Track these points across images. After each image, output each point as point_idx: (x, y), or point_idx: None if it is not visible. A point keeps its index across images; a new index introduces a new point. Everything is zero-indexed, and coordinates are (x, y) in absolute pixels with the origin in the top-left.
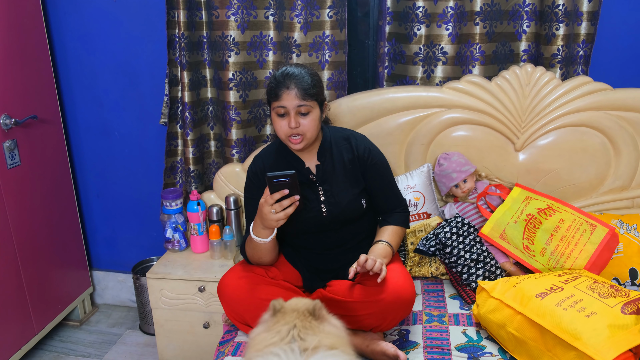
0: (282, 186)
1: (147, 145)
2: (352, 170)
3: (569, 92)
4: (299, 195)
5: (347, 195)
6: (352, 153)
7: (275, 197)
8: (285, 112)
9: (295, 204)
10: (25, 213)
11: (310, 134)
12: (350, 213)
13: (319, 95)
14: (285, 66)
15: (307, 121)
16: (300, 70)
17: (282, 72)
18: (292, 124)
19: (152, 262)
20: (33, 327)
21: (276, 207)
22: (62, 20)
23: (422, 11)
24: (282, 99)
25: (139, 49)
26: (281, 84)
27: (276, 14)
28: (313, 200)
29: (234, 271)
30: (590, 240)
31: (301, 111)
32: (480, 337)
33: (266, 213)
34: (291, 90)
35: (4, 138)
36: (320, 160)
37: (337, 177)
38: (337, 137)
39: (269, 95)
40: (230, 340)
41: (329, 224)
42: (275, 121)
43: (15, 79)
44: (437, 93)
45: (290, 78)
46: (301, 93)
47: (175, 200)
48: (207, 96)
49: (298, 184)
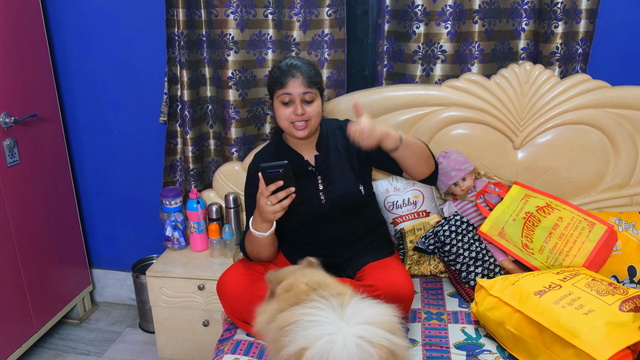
0: (276, 177)
1: (146, 144)
2: (348, 156)
3: (567, 90)
4: (294, 187)
5: (344, 181)
6: (345, 140)
7: (271, 189)
8: (290, 100)
9: (291, 196)
10: (25, 211)
11: (314, 120)
12: (348, 198)
13: (320, 84)
14: (287, 58)
15: (311, 108)
16: (302, 61)
17: (287, 63)
18: (298, 111)
19: (152, 260)
20: (33, 325)
21: (272, 199)
22: (61, 19)
23: (421, 9)
24: (288, 87)
25: (139, 47)
26: (287, 72)
27: (275, 13)
28: (312, 190)
29: (234, 269)
30: (588, 238)
31: (306, 99)
32: (478, 335)
33: (262, 205)
34: (297, 79)
35: (3, 136)
36: (318, 150)
37: (333, 165)
38: (331, 127)
39: (272, 84)
40: (229, 338)
41: (328, 212)
42: (278, 109)
43: (15, 77)
44: (436, 91)
45: (295, 67)
46: (307, 81)
47: (174, 199)
48: (206, 95)
49: (292, 175)
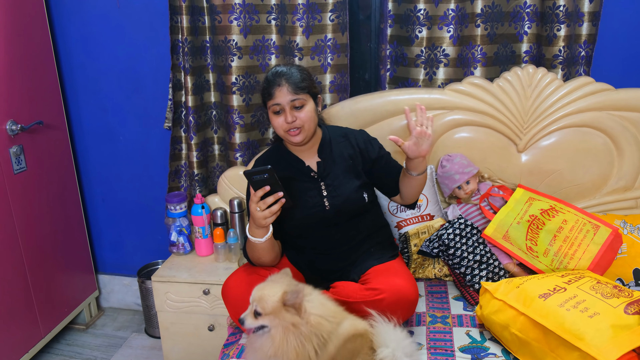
0: (263, 182)
1: (151, 150)
2: (353, 165)
3: (571, 92)
4: (282, 192)
5: (349, 188)
6: (352, 149)
7: (259, 195)
8: (280, 109)
9: (280, 201)
10: (31, 218)
11: (307, 125)
12: (352, 205)
13: (310, 88)
14: (276, 66)
15: (302, 114)
16: (288, 68)
17: (273, 72)
18: (288, 119)
19: (157, 265)
20: (40, 331)
21: (260, 205)
22: (66, 26)
23: (423, 14)
24: (275, 97)
25: (143, 54)
26: (272, 82)
27: (278, 18)
28: (316, 196)
29: (238, 273)
30: (593, 241)
31: (295, 105)
32: (483, 338)
33: (253, 211)
34: (282, 87)
35: (10, 144)
36: (320, 156)
37: (337, 171)
38: (335, 134)
39: (263, 97)
40: (234, 343)
41: (332, 218)
42: (272, 119)
43: (21, 85)
44: (439, 95)
45: (280, 76)
46: (292, 88)
47: (179, 204)
48: (210, 100)
49: (278, 180)
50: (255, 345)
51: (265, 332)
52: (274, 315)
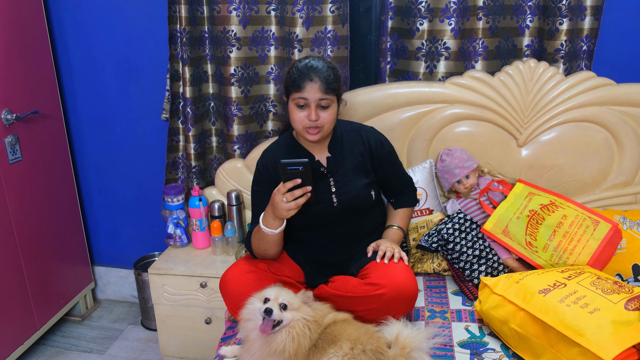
0: (295, 175)
1: (148, 141)
2: (363, 162)
3: (572, 87)
4: (311, 186)
5: (357, 185)
6: (363, 146)
7: (288, 186)
8: (305, 104)
9: (307, 195)
10: (26, 208)
11: (327, 127)
12: (360, 202)
13: (338, 90)
14: (307, 58)
15: (326, 114)
16: (322, 63)
17: (306, 64)
18: (312, 117)
19: (154, 257)
20: (35, 323)
21: (287, 196)
22: (62, 15)
23: (424, 6)
24: (304, 91)
25: (140, 44)
26: (304, 75)
27: (278, 9)
28: (324, 192)
29: (236, 267)
30: (593, 236)
31: (322, 104)
32: (482, 334)
33: (277, 202)
34: (315, 83)
35: (5, 133)
36: (331, 152)
37: (347, 168)
38: (347, 129)
39: (290, 85)
40: (232, 337)
41: (339, 214)
42: (293, 112)
43: (17, 74)
44: (440, 88)
45: (313, 71)
46: (324, 87)
47: (176, 196)
48: (208, 92)
49: (311, 174)
50: (275, 341)
51: (283, 326)
52: (296, 310)
